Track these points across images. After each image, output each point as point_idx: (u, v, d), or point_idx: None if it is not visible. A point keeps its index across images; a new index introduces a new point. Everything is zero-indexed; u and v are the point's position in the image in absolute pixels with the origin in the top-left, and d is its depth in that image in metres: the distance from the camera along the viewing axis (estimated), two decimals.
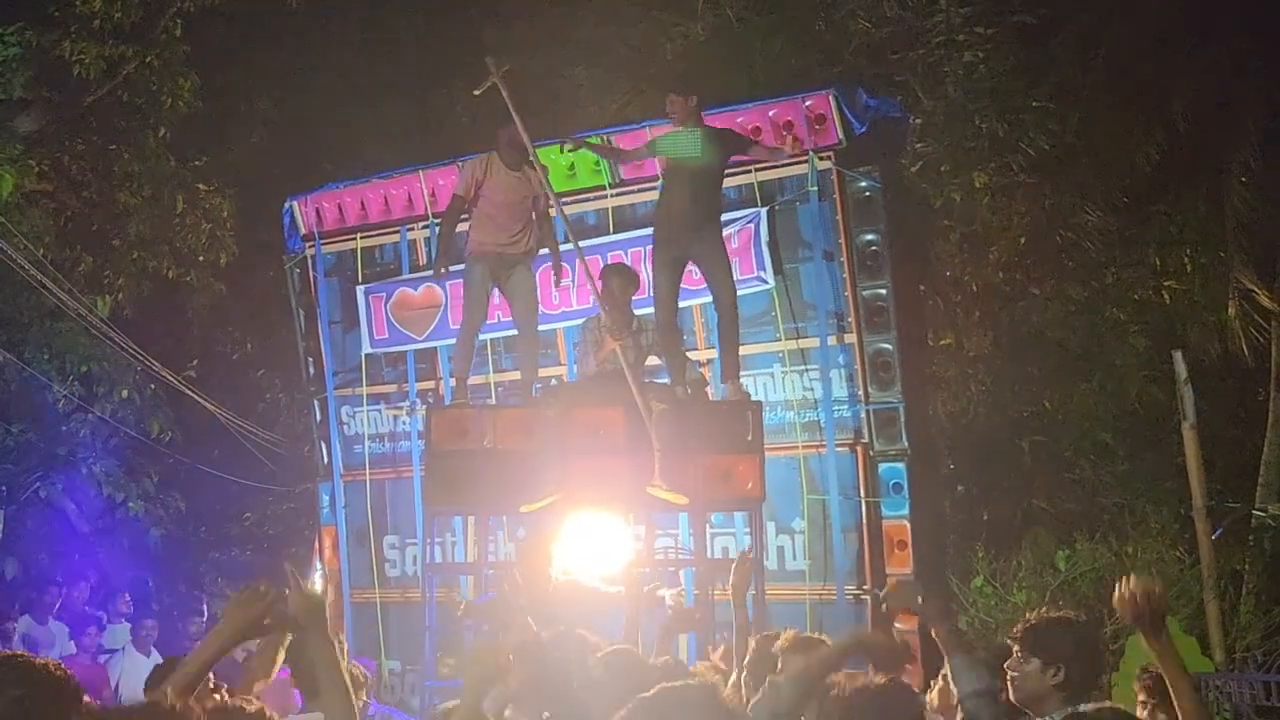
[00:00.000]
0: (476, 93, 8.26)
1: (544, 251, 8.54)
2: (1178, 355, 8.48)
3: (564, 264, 9.22)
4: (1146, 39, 10.55)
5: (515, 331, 8.70)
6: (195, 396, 13.49)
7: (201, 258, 14.20)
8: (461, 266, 8.60)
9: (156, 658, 10.05)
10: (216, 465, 14.24)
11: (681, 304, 8.28)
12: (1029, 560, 9.24)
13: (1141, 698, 5.11)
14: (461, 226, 8.55)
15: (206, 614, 11.49)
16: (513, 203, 8.28)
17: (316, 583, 11.52)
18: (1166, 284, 10.48)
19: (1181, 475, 8.64)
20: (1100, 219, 10.52)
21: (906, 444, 8.98)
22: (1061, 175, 10.46)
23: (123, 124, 13.61)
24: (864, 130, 9.11)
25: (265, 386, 15.87)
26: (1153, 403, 10.22)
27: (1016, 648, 3.88)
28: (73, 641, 10.57)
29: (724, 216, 8.26)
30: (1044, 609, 4.20)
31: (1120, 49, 10.59)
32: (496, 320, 9.07)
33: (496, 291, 8.54)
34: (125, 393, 12.65)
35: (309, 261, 11.05)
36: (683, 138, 7.89)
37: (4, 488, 11.98)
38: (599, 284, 8.09)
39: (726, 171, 8.21)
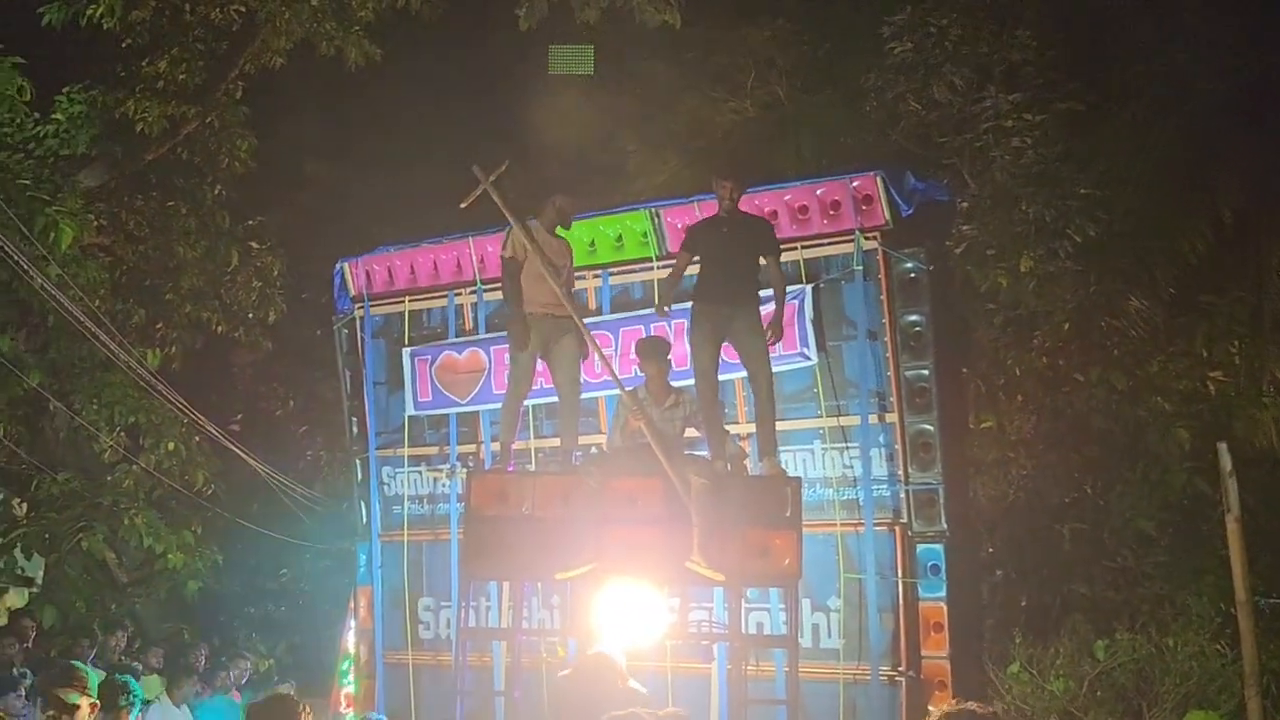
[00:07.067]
0: (463, 205, 8.25)
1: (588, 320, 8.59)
2: (1222, 447, 8.37)
3: (607, 333, 9.33)
4: (1196, 129, 10.57)
5: (556, 398, 8.73)
6: (238, 451, 13.62)
7: (251, 314, 14.45)
8: (504, 334, 8.67)
9: (186, 712, 10.13)
10: (256, 520, 14.35)
11: (722, 377, 8.30)
12: (1067, 648, 9.12)
13: None
14: None
15: (236, 669, 11.52)
16: (558, 266, 8.34)
17: (350, 641, 11.56)
18: (1213, 375, 10.39)
19: (1224, 568, 8.50)
20: (1146, 308, 10.49)
21: (945, 526, 8.96)
22: (1108, 263, 10.43)
23: (181, 181, 13.96)
24: (910, 212, 9.18)
25: (307, 444, 16.03)
26: (1197, 494, 10.09)
27: None
28: None
29: (769, 292, 8.31)
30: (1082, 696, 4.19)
31: (1169, 139, 10.62)
32: (539, 386, 9.12)
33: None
34: (171, 445, 12.77)
35: (357, 323, 11.20)
36: (716, 228, 8.05)
37: (47, 536, 12.09)
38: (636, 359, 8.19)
39: None
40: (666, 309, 8.36)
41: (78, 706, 5.16)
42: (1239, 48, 10.54)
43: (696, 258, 8.20)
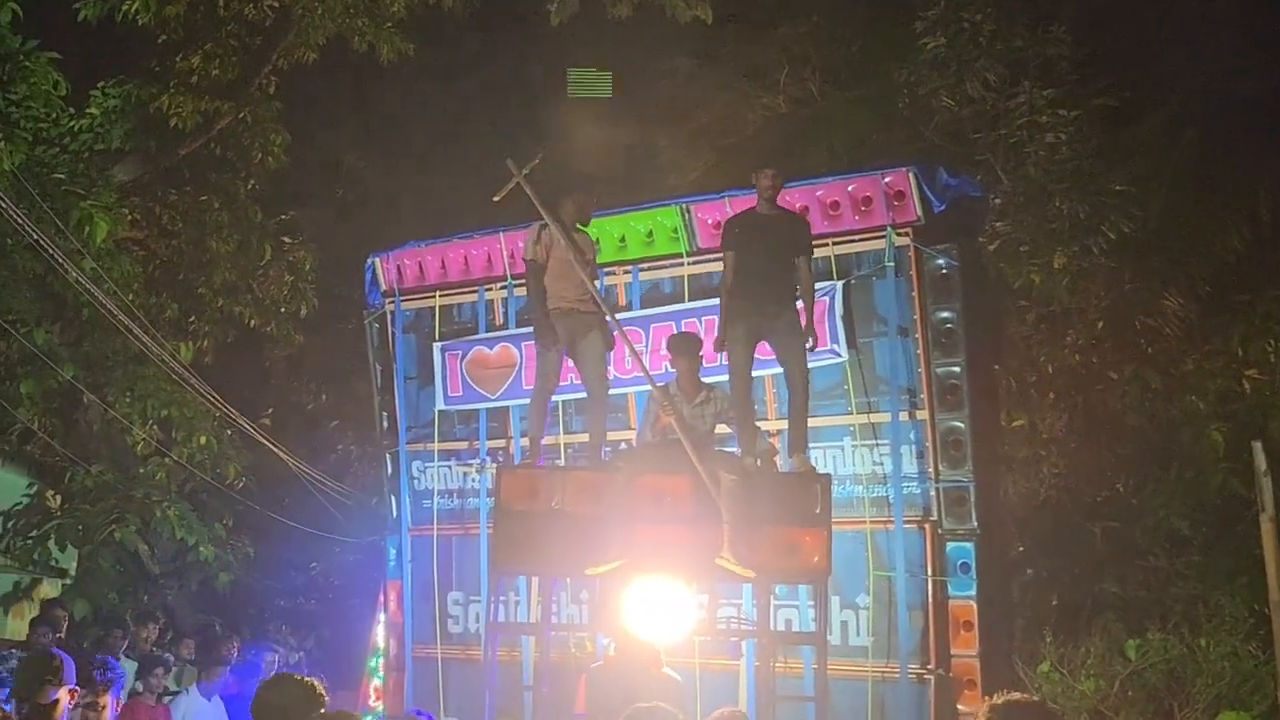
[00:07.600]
0: (496, 199, 8.18)
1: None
2: (1257, 446, 8.31)
3: (638, 329, 9.32)
4: (1233, 127, 10.47)
5: (585, 394, 8.71)
6: (270, 445, 13.70)
7: (283, 309, 14.53)
8: (531, 329, 8.66)
9: (219, 704, 10.17)
10: (286, 513, 14.44)
11: (753, 373, 8.28)
12: (1098, 648, 9.07)
13: None
14: None
15: (268, 662, 11.58)
16: (583, 261, 8.30)
17: (380, 635, 11.61)
18: (1248, 373, 10.28)
19: (1258, 568, 8.44)
20: (1181, 306, 10.40)
21: (976, 524, 8.89)
22: (1142, 260, 10.36)
23: (214, 176, 14.07)
24: (943, 208, 9.12)
25: (338, 438, 16.11)
26: (1231, 494, 10.00)
27: None
28: (139, 681, 10.70)
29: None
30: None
31: (1206, 136, 10.52)
32: (570, 382, 9.11)
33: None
34: (203, 438, 12.84)
35: (388, 317, 11.22)
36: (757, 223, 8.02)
37: (80, 528, 12.18)
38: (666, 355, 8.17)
39: None
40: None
41: (56, 703, 5.10)
42: (1265, 47, 10.45)
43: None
